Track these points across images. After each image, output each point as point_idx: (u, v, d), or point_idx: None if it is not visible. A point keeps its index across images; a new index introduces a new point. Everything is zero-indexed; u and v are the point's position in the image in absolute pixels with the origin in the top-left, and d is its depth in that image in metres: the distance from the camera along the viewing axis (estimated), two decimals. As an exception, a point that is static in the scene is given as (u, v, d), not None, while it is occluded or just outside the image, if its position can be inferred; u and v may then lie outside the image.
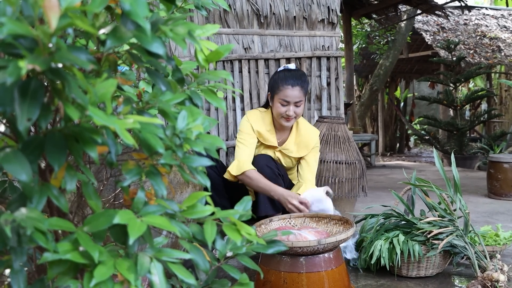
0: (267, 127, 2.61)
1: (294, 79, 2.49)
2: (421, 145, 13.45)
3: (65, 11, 0.68)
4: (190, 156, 0.89)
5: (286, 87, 2.47)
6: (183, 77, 0.98)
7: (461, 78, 7.91)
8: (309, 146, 2.63)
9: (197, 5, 1.21)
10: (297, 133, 2.65)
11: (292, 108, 2.48)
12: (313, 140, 2.64)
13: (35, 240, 0.70)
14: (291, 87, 2.47)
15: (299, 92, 2.47)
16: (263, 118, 2.62)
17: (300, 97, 2.48)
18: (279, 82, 2.51)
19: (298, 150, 2.63)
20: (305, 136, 2.64)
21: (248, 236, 0.95)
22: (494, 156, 4.66)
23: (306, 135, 2.64)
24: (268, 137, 2.60)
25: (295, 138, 2.64)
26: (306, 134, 2.64)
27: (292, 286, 1.84)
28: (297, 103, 2.49)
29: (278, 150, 2.63)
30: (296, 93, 2.47)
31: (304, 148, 2.63)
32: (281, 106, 2.49)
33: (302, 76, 2.54)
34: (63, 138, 0.74)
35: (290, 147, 2.62)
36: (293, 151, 2.62)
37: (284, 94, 2.47)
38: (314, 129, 2.70)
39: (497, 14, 11.38)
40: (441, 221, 2.24)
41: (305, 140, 2.63)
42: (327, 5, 4.28)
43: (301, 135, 2.64)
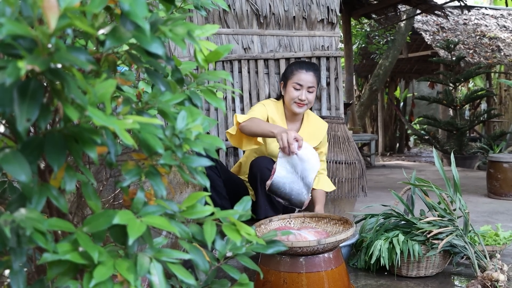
0: (280, 117, 2.65)
1: (309, 65, 2.59)
2: (421, 145, 13.45)
3: (64, 12, 0.68)
4: (189, 157, 0.89)
5: (300, 71, 2.56)
6: (182, 78, 0.98)
7: (460, 78, 7.91)
8: (318, 138, 2.68)
9: (196, 5, 1.21)
10: (308, 124, 2.70)
11: (305, 92, 2.54)
12: (323, 131, 2.71)
13: (35, 241, 0.70)
14: (305, 71, 2.55)
15: (313, 78, 2.55)
16: (277, 107, 2.68)
17: (313, 83, 2.55)
18: (293, 68, 2.60)
19: (309, 140, 2.64)
20: (315, 127, 2.70)
21: (247, 236, 0.95)
22: (493, 155, 4.66)
23: (316, 126, 2.70)
24: (281, 125, 2.62)
25: (307, 129, 2.68)
26: (316, 125, 2.70)
27: (292, 286, 1.84)
28: (310, 88, 2.55)
29: None
30: (310, 78, 2.54)
31: (314, 139, 2.67)
32: (294, 91, 2.56)
33: (316, 65, 2.64)
34: (63, 139, 0.74)
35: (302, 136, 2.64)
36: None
37: (298, 78, 2.55)
38: (323, 122, 2.77)
39: (497, 14, 11.38)
40: (441, 221, 2.24)
41: (315, 130, 2.69)
42: (326, 5, 4.28)
43: (311, 126, 2.69)
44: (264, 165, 2.44)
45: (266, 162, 2.46)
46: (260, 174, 2.42)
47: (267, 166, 2.43)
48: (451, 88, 8.12)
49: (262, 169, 2.42)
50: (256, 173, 2.43)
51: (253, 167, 2.46)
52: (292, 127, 2.68)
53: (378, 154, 11.19)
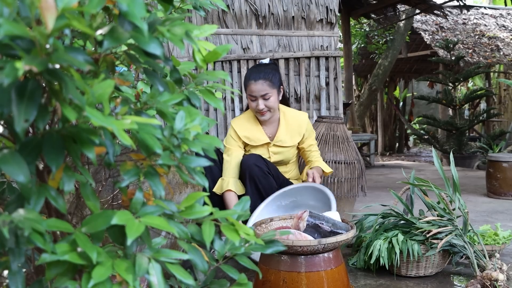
0: (254, 126, 2.64)
1: (257, 73, 2.54)
2: (420, 145, 13.45)
3: (62, 12, 0.68)
4: (188, 157, 0.89)
5: (249, 82, 2.53)
6: (181, 78, 0.98)
7: (460, 78, 7.91)
8: (301, 131, 2.65)
9: (195, 6, 1.21)
10: (285, 122, 2.66)
11: (261, 102, 2.52)
12: (304, 123, 2.67)
13: (33, 241, 0.70)
14: (254, 81, 2.51)
15: (262, 85, 2.50)
16: (248, 120, 2.66)
17: (265, 90, 2.51)
18: (245, 79, 2.58)
19: (291, 138, 2.65)
20: (294, 123, 2.66)
21: (246, 236, 0.95)
22: (493, 155, 4.67)
23: (294, 121, 2.67)
24: (258, 136, 2.62)
25: (285, 128, 2.65)
26: (294, 121, 2.67)
27: (292, 285, 1.84)
28: (264, 96, 2.52)
29: (272, 145, 2.64)
30: (260, 87, 2.50)
31: (297, 134, 2.65)
32: (251, 102, 2.56)
33: (267, 68, 2.56)
34: (61, 139, 0.74)
35: (282, 137, 2.64)
36: (287, 141, 2.64)
37: (249, 90, 2.53)
38: (301, 113, 2.72)
39: (496, 13, 11.39)
40: (440, 220, 2.24)
41: (295, 126, 2.66)
42: (325, 5, 4.28)
43: (290, 123, 2.66)
44: (252, 161, 2.46)
45: (254, 158, 2.48)
46: (249, 171, 2.44)
47: (255, 163, 2.45)
48: (451, 88, 8.12)
49: (250, 166, 2.44)
50: (245, 170, 2.46)
51: (242, 164, 2.49)
52: (270, 130, 2.66)
53: (378, 154, 11.19)
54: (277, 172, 2.59)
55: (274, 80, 2.55)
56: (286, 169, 2.74)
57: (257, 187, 2.45)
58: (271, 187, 2.47)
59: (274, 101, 2.55)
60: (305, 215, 2.05)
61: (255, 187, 2.45)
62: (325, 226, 2.04)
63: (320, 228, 2.05)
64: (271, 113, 2.57)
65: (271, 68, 2.58)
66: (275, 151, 2.64)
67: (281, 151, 2.65)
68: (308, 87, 4.33)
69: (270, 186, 2.47)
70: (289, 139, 2.64)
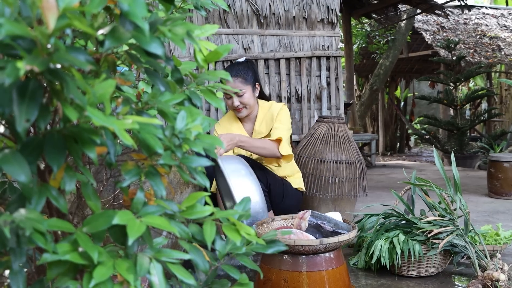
0: (234, 125, 2.70)
1: (229, 71, 2.58)
2: (422, 145, 13.44)
3: (63, 12, 0.68)
4: (189, 157, 0.89)
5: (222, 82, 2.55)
6: (182, 78, 0.98)
7: (461, 78, 7.90)
8: (273, 117, 2.67)
9: (196, 6, 1.21)
10: (262, 114, 2.70)
11: (235, 99, 2.57)
12: (276, 109, 2.67)
13: (34, 241, 0.70)
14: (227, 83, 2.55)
15: (235, 83, 2.55)
16: (229, 119, 2.73)
17: (237, 87, 2.55)
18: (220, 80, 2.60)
19: (266, 126, 2.68)
20: (268, 112, 2.69)
21: (247, 236, 0.95)
22: (494, 155, 4.66)
23: (268, 111, 2.70)
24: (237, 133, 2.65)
25: (261, 119, 2.70)
26: (268, 110, 2.70)
27: (293, 285, 1.84)
28: (238, 93, 2.56)
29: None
30: (231, 84, 2.55)
31: (270, 120, 2.67)
32: (227, 100, 2.61)
33: (239, 66, 2.60)
34: (62, 139, 0.74)
35: (259, 128, 2.68)
36: (262, 131, 2.67)
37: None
38: (277, 104, 2.73)
39: (497, 13, 11.37)
40: (441, 220, 2.24)
41: (269, 115, 2.68)
42: (326, 5, 4.28)
43: (265, 114, 2.70)
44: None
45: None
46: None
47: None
48: (452, 88, 8.11)
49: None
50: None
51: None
52: (250, 126, 2.72)
53: (379, 153, 11.18)
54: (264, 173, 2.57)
55: (247, 77, 2.58)
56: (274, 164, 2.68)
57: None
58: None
59: (249, 97, 2.59)
60: (307, 215, 2.05)
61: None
62: (326, 226, 2.04)
63: (321, 228, 2.05)
64: (247, 109, 2.62)
65: (244, 66, 2.62)
66: None
67: None
68: (309, 87, 4.33)
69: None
70: (264, 128, 2.67)
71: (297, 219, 2.11)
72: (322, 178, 3.14)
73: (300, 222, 2.08)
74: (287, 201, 2.65)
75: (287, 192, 2.66)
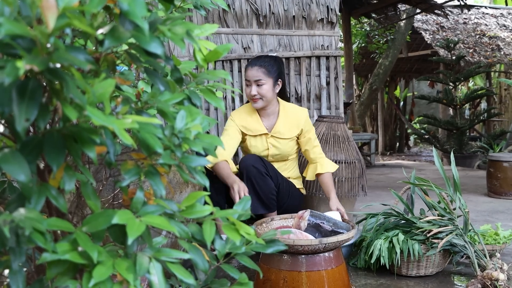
0: (252, 116, 2.69)
1: (255, 60, 2.63)
2: (421, 144, 13.45)
3: (63, 11, 0.68)
4: (189, 156, 0.89)
5: (247, 68, 2.62)
6: (181, 77, 0.98)
7: (460, 77, 7.91)
8: (299, 124, 2.68)
9: (196, 5, 1.21)
10: (285, 115, 2.70)
11: (254, 88, 2.57)
12: (302, 117, 2.70)
13: (34, 241, 0.70)
14: (250, 67, 2.60)
15: (257, 71, 2.56)
16: (247, 111, 2.71)
17: (259, 76, 2.56)
18: (246, 66, 2.67)
19: (289, 130, 2.68)
20: (293, 116, 2.70)
21: (247, 236, 0.95)
22: (493, 155, 4.66)
23: (293, 115, 2.70)
24: (256, 126, 2.67)
25: (284, 120, 2.69)
26: (293, 114, 2.71)
27: (292, 285, 1.85)
28: (258, 82, 2.57)
29: (270, 136, 2.67)
30: (254, 72, 2.56)
31: (295, 127, 2.68)
32: (246, 88, 2.64)
33: (266, 58, 2.64)
34: (62, 138, 0.74)
35: (280, 129, 2.67)
36: (284, 133, 2.67)
37: (246, 75, 2.61)
38: (301, 109, 2.75)
39: (497, 13, 11.38)
40: (441, 220, 2.24)
41: (293, 119, 2.69)
42: (326, 4, 4.28)
43: (289, 117, 2.70)
44: (250, 163, 2.48)
45: (253, 160, 2.50)
46: (246, 171, 2.46)
47: (253, 164, 2.47)
48: (451, 87, 8.11)
49: (247, 167, 2.47)
50: (242, 170, 2.48)
51: (240, 165, 2.52)
52: (269, 122, 2.71)
53: (378, 153, 11.18)
54: (276, 173, 2.59)
55: (271, 69, 2.59)
56: (285, 166, 2.75)
57: (254, 188, 2.45)
58: (269, 188, 2.48)
59: (267, 90, 2.58)
60: (306, 214, 2.05)
61: (252, 188, 2.45)
62: (326, 225, 2.04)
63: (321, 228, 2.05)
64: (263, 101, 2.61)
65: (271, 59, 2.64)
66: (273, 143, 2.67)
67: (279, 143, 2.67)
68: (308, 87, 4.33)
69: (268, 187, 2.47)
70: (287, 131, 2.67)
71: (296, 218, 2.11)
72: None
73: (299, 222, 2.08)
74: (291, 201, 2.67)
75: (292, 192, 2.68)
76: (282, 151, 2.69)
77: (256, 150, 2.68)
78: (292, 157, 2.77)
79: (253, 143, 2.68)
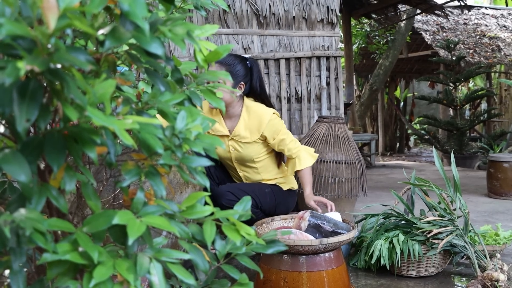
0: (216, 116, 2.57)
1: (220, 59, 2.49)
2: (421, 145, 13.44)
3: (64, 12, 0.68)
4: (189, 157, 0.89)
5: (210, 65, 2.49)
6: (182, 78, 0.98)
7: (460, 78, 7.91)
8: (260, 127, 2.49)
9: (196, 6, 1.21)
10: (247, 117, 2.54)
11: None
12: (264, 121, 2.49)
13: (34, 241, 0.70)
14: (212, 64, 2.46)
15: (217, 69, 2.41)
16: (210, 111, 2.59)
17: None
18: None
19: (250, 134, 2.52)
20: (255, 119, 2.52)
21: (247, 236, 0.95)
22: (494, 155, 4.66)
23: (256, 118, 2.52)
24: (217, 125, 2.54)
25: (244, 124, 2.53)
26: (256, 117, 2.52)
27: (293, 285, 1.85)
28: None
29: (230, 138, 2.53)
30: (213, 69, 2.39)
31: (256, 130, 2.50)
32: None
33: (231, 57, 2.50)
34: (62, 139, 0.74)
35: (241, 132, 2.52)
36: (246, 137, 2.51)
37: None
38: (266, 111, 2.53)
39: (497, 13, 11.38)
40: (441, 220, 2.24)
41: (255, 123, 2.51)
42: (326, 5, 4.28)
43: (251, 119, 2.53)
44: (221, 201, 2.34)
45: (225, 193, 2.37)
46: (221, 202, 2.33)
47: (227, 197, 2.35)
48: (451, 88, 8.11)
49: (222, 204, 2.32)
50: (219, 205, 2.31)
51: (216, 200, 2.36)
52: (231, 124, 2.57)
53: (378, 154, 11.18)
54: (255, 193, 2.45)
55: (233, 70, 2.45)
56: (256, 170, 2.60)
57: None
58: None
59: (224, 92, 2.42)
60: (307, 215, 2.05)
61: None
62: (326, 226, 2.04)
63: (321, 228, 2.05)
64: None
65: (237, 59, 2.50)
66: (235, 146, 2.53)
67: (240, 147, 2.53)
68: (309, 87, 4.33)
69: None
70: (248, 135, 2.51)
71: (296, 219, 2.11)
72: (321, 178, 3.14)
73: (299, 222, 2.08)
74: (280, 208, 2.56)
75: (278, 201, 2.55)
76: (245, 155, 2.54)
77: (220, 151, 2.56)
78: (261, 159, 2.58)
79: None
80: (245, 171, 2.60)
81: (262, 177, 2.60)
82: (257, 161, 2.57)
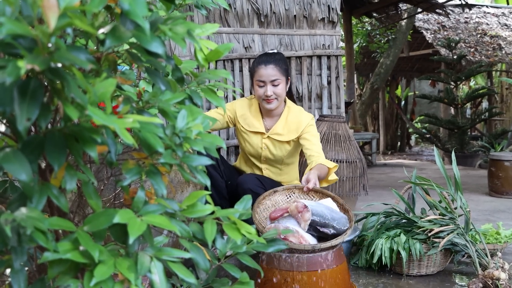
0: (254, 113, 2.57)
1: (267, 58, 2.47)
2: (422, 144, 13.43)
3: (64, 11, 0.68)
4: (190, 155, 0.89)
5: (259, 67, 2.45)
6: (183, 77, 0.98)
7: (462, 77, 7.90)
8: (299, 128, 2.52)
9: (197, 5, 1.21)
10: (287, 118, 2.55)
11: (269, 88, 2.43)
12: (304, 121, 2.53)
13: (35, 240, 0.70)
14: (264, 65, 2.44)
15: (273, 70, 2.43)
16: (250, 105, 2.60)
17: (275, 75, 2.43)
18: (254, 64, 2.51)
19: (288, 133, 2.53)
20: (295, 120, 2.54)
21: (248, 235, 0.95)
22: (495, 154, 4.66)
23: (295, 119, 2.54)
24: (254, 122, 2.56)
25: (284, 123, 2.55)
26: (296, 118, 2.55)
27: (293, 284, 1.85)
28: (274, 82, 2.43)
29: (266, 136, 2.55)
30: (270, 71, 2.42)
31: (294, 131, 2.52)
32: (258, 88, 2.47)
33: (277, 55, 2.50)
34: (63, 138, 0.75)
35: (279, 130, 2.54)
36: (282, 134, 2.53)
37: (258, 74, 2.45)
38: (306, 115, 2.58)
39: (498, 12, 11.36)
40: (442, 219, 2.24)
41: (294, 123, 2.53)
42: (327, 3, 4.28)
43: (291, 120, 2.54)
44: (248, 186, 2.34)
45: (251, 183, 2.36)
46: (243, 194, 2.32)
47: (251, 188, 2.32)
48: (453, 87, 8.10)
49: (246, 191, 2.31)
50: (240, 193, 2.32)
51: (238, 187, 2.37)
52: (270, 123, 2.58)
53: (379, 152, 11.18)
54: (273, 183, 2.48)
55: (284, 68, 2.48)
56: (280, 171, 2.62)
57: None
58: None
59: (282, 89, 2.47)
60: (308, 216, 2.04)
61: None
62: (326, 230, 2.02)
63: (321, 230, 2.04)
64: (278, 101, 2.47)
65: (281, 56, 2.52)
66: (268, 144, 2.55)
67: (274, 146, 2.54)
68: (310, 86, 4.33)
69: None
70: (285, 134, 2.53)
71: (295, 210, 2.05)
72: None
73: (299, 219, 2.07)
74: None
75: None
76: (276, 154, 2.56)
77: (250, 147, 2.57)
78: (289, 162, 2.63)
79: (248, 139, 2.57)
80: (269, 169, 2.62)
81: (282, 178, 2.63)
82: (285, 162, 2.60)
